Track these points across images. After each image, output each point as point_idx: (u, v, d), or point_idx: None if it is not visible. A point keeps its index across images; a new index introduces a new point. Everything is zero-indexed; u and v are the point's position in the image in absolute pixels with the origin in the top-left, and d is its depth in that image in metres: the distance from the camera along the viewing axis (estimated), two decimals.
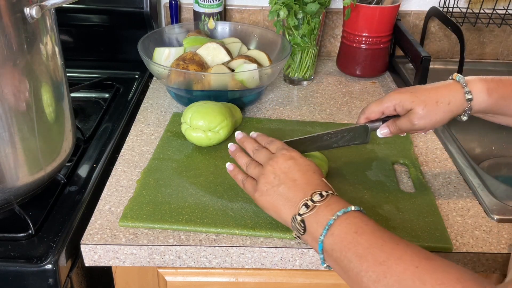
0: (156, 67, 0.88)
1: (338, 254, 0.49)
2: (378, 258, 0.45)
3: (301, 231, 0.53)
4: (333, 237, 0.50)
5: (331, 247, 0.50)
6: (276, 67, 0.90)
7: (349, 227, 0.49)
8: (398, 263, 0.44)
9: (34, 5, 0.58)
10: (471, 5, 1.15)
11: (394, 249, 0.46)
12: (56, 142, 0.70)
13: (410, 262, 0.44)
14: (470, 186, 0.76)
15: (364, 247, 0.47)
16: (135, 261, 0.64)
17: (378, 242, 0.47)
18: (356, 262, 0.47)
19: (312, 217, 0.52)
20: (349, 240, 0.48)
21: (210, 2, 1.09)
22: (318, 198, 0.53)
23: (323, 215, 0.52)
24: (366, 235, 0.48)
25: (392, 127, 0.67)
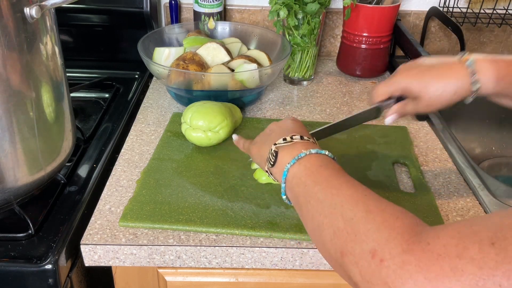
0: (156, 67, 0.88)
1: (297, 181, 0.50)
2: (332, 183, 0.47)
3: (271, 161, 0.55)
4: (298, 167, 0.51)
5: (293, 175, 0.51)
6: (276, 67, 0.90)
7: (316, 162, 0.51)
8: (349, 189, 0.45)
9: (34, 5, 0.58)
10: (471, 5, 1.15)
11: (349, 180, 0.47)
12: (56, 142, 0.70)
13: (361, 191, 0.45)
14: (470, 186, 0.76)
15: (323, 176, 0.49)
16: (135, 261, 0.64)
17: (338, 174, 0.49)
18: (310, 186, 0.48)
19: (286, 149, 0.54)
20: (311, 170, 0.50)
21: (210, 2, 1.09)
22: (297, 138, 0.55)
23: (297, 149, 0.53)
24: (329, 169, 0.50)
25: (400, 112, 0.68)
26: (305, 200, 0.48)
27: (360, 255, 0.39)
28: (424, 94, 0.63)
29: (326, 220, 0.44)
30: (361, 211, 0.42)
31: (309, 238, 0.64)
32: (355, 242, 0.40)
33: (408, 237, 0.37)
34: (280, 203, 0.69)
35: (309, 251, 0.63)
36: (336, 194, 0.45)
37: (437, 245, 0.35)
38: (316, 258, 0.64)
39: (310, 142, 0.55)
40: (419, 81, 0.64)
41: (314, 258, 0.64)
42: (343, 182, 0.47)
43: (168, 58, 0.94)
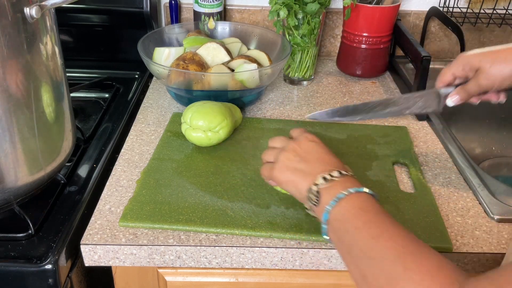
0: (156, 67, 0.88)
1: (338, 225, 0.51)
2: (372, 232, 0.47)
3: (314, 202, 0.54)
4: (339, 208, 0.51)
5: (335, 217, 0.51)
6: (276, 67, 0.90)
7: (356, 203, 0.51)
8: (387, 241, 0.46)
9: (34, 5, 0.58)
10: (471, 5, 1.15)
11: (389, 229, 0.47)
12: (56, 142, 0.70)
13: (400, 242, 0.45)
14: (470, 186, 0.76)
15: (363, 221, 0.49)
16: (135, 261, 0.64)
17: (377, 220, 0.49)
18: (352, 232, 0.49)
19: (327, 189, 0.54)
20: (352, 213, 0.50)
21: (210, 2, 1.09)
22: (336, 174, 0.55)
23: (336, 189, 0.53)
24: (369, 213, 0.50)
25: (461, 92, 0.66)
26: (347, 248, 0.49)
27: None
28: (484, 64, 0.62)
29: (369, 273, 0.46)
30: (400, 268, 0.43)
31: (309, 238, 0.64)
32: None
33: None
34: (280, 203, 0.69)
35: (309, 251, 0.63)
36: (376, 245, 0.46)
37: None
38: (316, 258, 0.64)
39: (348, 176, 0.55)
40: (479, 54, 0.64)
41: (314, 258, 0.64)
42: (383, 231, 0.47)
43: (168, 58, 0.94)
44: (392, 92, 1.06)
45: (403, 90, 1.05)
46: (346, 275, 0.69)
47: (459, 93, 0.67)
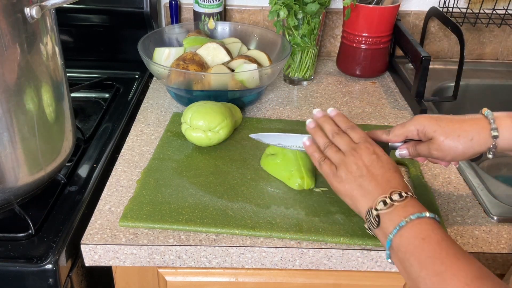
0: (156, 67, 0.88)
1: (402, 255, 0.51)
2: (436, 269, 0.48)
3: (374, 225, 0.55)
4: (401, 238, 0.52)
5: (398, 247, 0.52)
6: (276, 67, 0.90)
7: (418, 232, 0.51)
8: (452, 278, 0.46)
9: (34, 5, 0.58)
10: (471, 5, 1.15)
11: (453, 264, 0.48)
12: (56, 142, 0.70)
13: (464, 279, 0.46)
14: (470, 186, 0.76)
15: (427, 256, 0.49)
16: (135, 261, 0.64)
17: (441, 253, 0.49)
18: (416, 267, 0.49)
19: (387, 215, 0.54)
20: (415, 244, 0.50)
21: (210, 2, 1.09)
22: (397, 197, 0.54)
23: (397, 215, 0.53)
24: (432, 244, 0.50)
25: (411, 149, 0.65)
26: (414, 281, 0.50)
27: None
28: (438, 135, 0.61)
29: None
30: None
31: (309, 238, 0.64)
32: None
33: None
34: (280, 203, 0.69)
35: (309, 251, 0.63)
36: (441, 283, 0.47)
37: None
38: (316, 258, 0.64)
39: (409, 199, 0.54)
40: (435, 123, 0.62)
41: (314, 258, 0.64)
42: (447, 267, 0.47)
43: (168, 58, 0.94)
44: (392, 92, 1.06)
45: (403, 90, 1.05)
46: (346, 275, 0.69)
47: (408, 149, 0.65)
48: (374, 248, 0.63)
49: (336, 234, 0.64)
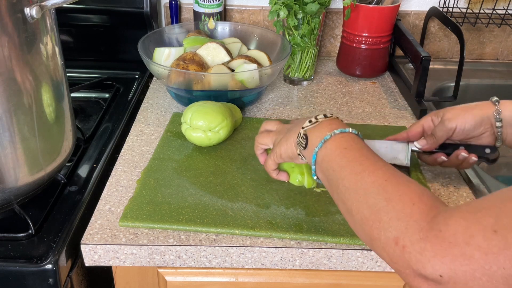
0: (156, 67, 0.88)
1: (325, 165, 0.54)
2: (355, 169, 0.50)
3: (303, 144, 0.57)
4: (325, 150, 0.54)
5: (322, 158, 0.54)
6: (276, 67, 0.90)
7: (341, 143, 0.54)
8: (370, 175, 0.49)
9: (34, 5, 0.58)
10: (471, 5, 1.15)
11: (371, 164, 0.50)
12: (56, 142, 0.70)
13: (382, 175, 0.48)
14: (470, 186, 0.76)
15: (348, 160, 0.52)
16: (135, 261, 0.64)
17: (361, 157, 0.51)
18: (337, 171, 0.52)
19: (313, 131, 0.56)
20: (337, 153, 0.53)
21: (210, 2, 1.09)
22: (321, 117, 0.57)
23: (322, 130, 0.56)
24: (353, 151, 0.52)
25: (429, 138, 0.71)
26: (334, 185, 0.52)
27: (386, 242, 0.44)
28: (447, 111, 0.69)
29: (353, 207, 0.48)
30: (382, 200, 0.46)
31: (309, 238, 0.64)
32: (380, 229, 0.45)
33: (424, 224, 0.42)
34: (280, 203, 0.69)
35: (309, 251, 0.63)
36: (359, 180, 0.49)
37: (447, 232, 0.39)
38: (316, 258, 0.64)
39: (334, 118, 0.58)
40: (443, 109, 0.70)
41: (314, 258, 0.64)
42: (365, 168, 0.50)
43: (168, 58, 0.94)
44: (392, 92, 1.06)
45: (403, 90, 1.05)
46: (346, 275, 0.69)
47: (426, 138, 0.71)
48: None
49: (336, 234, 0.64)
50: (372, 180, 0.48)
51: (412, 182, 0.47)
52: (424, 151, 0.72)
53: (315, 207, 0.69)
